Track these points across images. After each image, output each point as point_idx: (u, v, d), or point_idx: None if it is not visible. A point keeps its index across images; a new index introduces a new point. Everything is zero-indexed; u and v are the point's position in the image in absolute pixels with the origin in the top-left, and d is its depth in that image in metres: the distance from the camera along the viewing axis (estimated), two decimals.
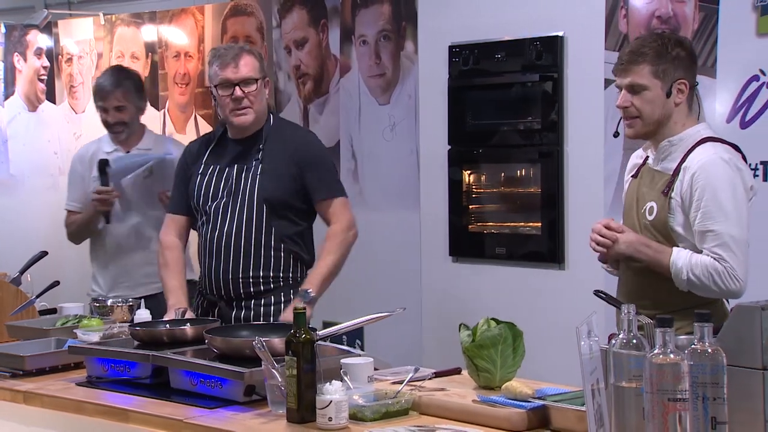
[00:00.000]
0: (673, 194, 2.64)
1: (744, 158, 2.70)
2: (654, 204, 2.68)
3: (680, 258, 2.61)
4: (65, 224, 4.21)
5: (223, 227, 3.25)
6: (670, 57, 2.67)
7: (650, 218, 2.68)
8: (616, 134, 2.87)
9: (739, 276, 2.57)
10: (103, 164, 4.01)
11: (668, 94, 2.67)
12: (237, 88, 3.21)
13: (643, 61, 2.67)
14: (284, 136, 3.32)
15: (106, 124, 4.10)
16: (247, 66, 3.22)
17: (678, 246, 2.64)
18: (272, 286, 3.25)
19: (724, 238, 2.57)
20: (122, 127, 4.07)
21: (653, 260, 2.65)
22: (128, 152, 4.10)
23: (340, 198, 3.31)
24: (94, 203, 4.00)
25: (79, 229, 4.15)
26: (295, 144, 3.31)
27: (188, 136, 5.58)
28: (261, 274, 3.24)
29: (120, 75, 4.15)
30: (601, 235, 2.71)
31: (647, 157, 2.80)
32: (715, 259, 2.57)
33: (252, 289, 3.24)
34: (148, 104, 5.97)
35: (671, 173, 2.67)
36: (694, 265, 2.59)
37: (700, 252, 2.60)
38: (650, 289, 2.68)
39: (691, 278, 2.59)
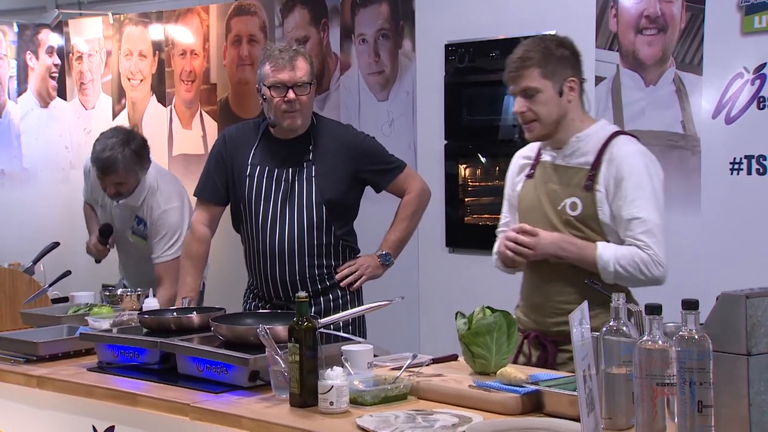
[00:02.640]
0: (597, 187, 2.62)
1: None
2: (576, 199, 2.65)
3: (606, 251, 2.59)
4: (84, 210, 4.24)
5: (283, 231, 3.13)
6: (556, 57, 2.65)
7: (574, 213, 2.64)
8: (520, 139, 2.79)
9: (662, 262, 2.59)
10: (107, 230, 3.92)
11: (561, 93, 2.65)
12: (290, 90, 3.06)
13: (531, 65, 2.64)
14: (330, 136, 3.20)
15: (107, 192, 3.82)
16: (301, 69, 3.08)
17: (605, 238, 2.62)
18: (334, 281, 3.20)
19: (649, 225, 2.58)
20: (119, 196, 3.82)
21: (578, 256, 2.62)
22: (119, 201, 3.86)
23: (402, 172, 3.27)
24: (90, 250, 4.02)
25: (87, 223, 4.19)
26: (344, 144, 3.20)
27: (194, 132, 5.58)
28: (325, 272, 3.17)
29: (123, 151, 3.69)
30: (518, 242, 2.66)
31: (538, 154, 2.76)
32: (639, 247, 2.57)
33: (319, 286, 3.17)
34: (154, 99, 5.96)
35: (589, 167, 2.64)
36: (620, 256, 2.58)
37: (623, 240, 2.60)
38: (567, 285, 2.66)
39: (618, 269, 2.58)
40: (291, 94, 3.06)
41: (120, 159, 3.68)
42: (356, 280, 3.22)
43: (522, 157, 2.84)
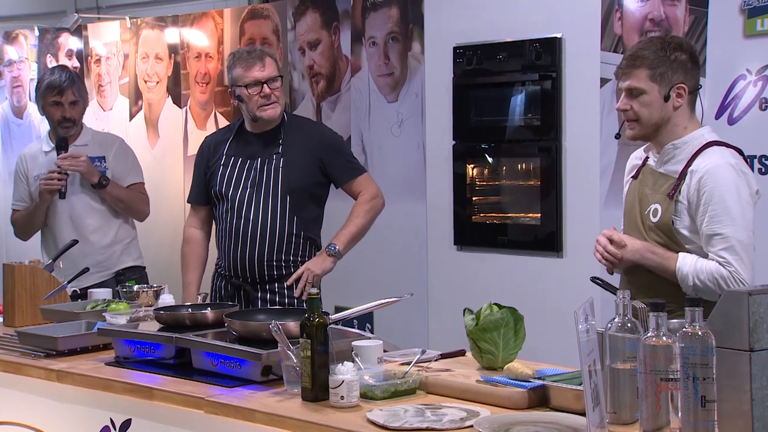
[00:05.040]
0: (679, 197, 2.53)
1: (746, 160, 2.60)
2: (658, 206, 2.56)
3: (686, 264, 2.49)
4: (12, 221, 4.07)
5: (248, 216, 3.30)
6: (669, 61, 2.54)
7: (654, 220, 2.57)
8: (618, 136, 2.72)
9: (745, 279, 2.45)
10: (63, 141, 3.90)
11: (666, 98, 2.54)
12: (265, 85, 3.29)
13: (641, 65, 2.55)
14: (300, 130, 3.38)
15: (61, 119, 3.95)
16: (270, 65, 3.33)
17: (684, 248, 2.53)
18: (293, 270, 3.31)
19: (731, 242, 2.45)
20: (71, 123, 3.96)
21: (659, 266, 2.53)
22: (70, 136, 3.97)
23: (362, 174, 3.42)
24: (46, 183, 3.82)
25: (29, 218, 3.99)
26: (311, 136, 3.38)
27: (209, 132, 5.59)
28: (283, 258, 3.30)
29: (71, 73, 4.05)
30: (607, 251, 2.60)
31: (647, 158, 2.69)
32: (720, 263, 2.46)
33: (275, 273, 3.30)
34: (170, 100, 5.99)
35: (677, 176, 2.55)
36: (700, 270, 2.47)
37: (707, 255, 2.49)
38: (658, 290, 2.55)
39: (696, 284, 2.47)
40: (266, 89, 3.29)
41: (70, 77, 3.99)
42: (311, 286, 3.26)
43: (635, 157, 2.76)
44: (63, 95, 3.96)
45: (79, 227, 3.96)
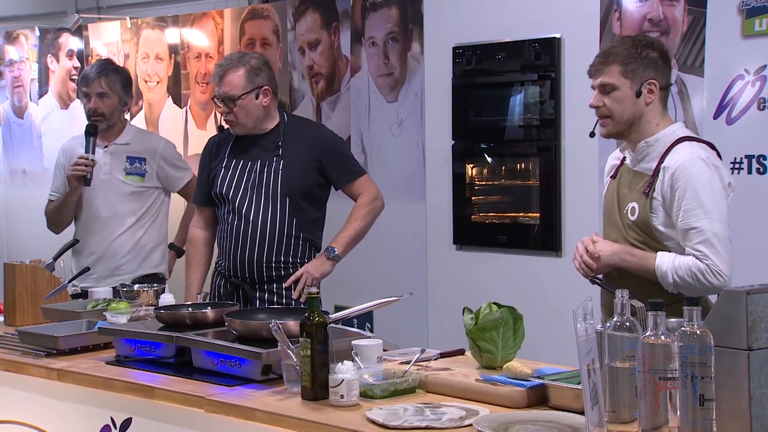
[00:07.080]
0: (654, 194, 2.55)
1: (719, 155, 2.61)
2: (635, 204, 2.59)
3: (664, 262, 2.51)
4: (45, 213, 4.02)
5: (248, 217, 3.30)
6: (640, 57, 2.58)
7: (633, 218, 2.59)
8: (592, 134, 2.73)
9: (723, 271, 2.47)
10: (92, 128, 3.80)
11: (638, 94, 2.57)
12: (223, 103, 3.28)
13: (613, 61, 2.59)
14: (299, 132, 3.38)
15: (89, 111, 3.87)
16: (229, 84, 3.25)
17: (663, 245, 2.55)
18: (291, 271, 3.31)
19: (706, 235, 2.47)
20: (100, 116, 3.85)
21: (638, 267, 2.55)
22: (106, 147, 3.90)
23: (362, 176, 3.40)
24: (72, 168, 3.75)
25: (59, 209, 3.92)
26: (311, 138, 3.37)
27: (209, 132, 5.59)
28: (282, 259, 3.31)
29: (107, 65, 3.96)
30: (583, 260, 2.62)
31: (624, 158, 2.71)
32: (697, 257, 2.48)
33: (274, 274, 3.30)
34: (170, 100, 5.97)
35: (651, 173, 2.58)
36: (677, 267, 2.49)
37: (684, 250, 2.51)
38: (641, 289, 2.52)
39: (676, 280, 2.49)
40: (224, 107, 3.28)
41: (103, 69, 3.90)
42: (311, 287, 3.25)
43: (613, 157, 2.78)
44: (89, 86, 3.88)
45: (105, 231, 3.88)
